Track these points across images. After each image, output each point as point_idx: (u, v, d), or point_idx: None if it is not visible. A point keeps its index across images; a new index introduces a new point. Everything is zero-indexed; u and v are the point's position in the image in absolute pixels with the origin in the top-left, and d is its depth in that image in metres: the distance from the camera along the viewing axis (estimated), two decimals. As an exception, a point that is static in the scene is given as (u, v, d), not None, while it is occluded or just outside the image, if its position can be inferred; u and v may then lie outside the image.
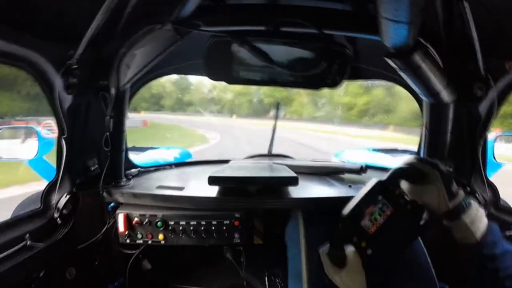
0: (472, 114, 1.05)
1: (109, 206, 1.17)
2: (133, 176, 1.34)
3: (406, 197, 0.77)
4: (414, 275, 0.95)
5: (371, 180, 0.77)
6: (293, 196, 1.15)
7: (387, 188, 0.77)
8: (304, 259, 0.97)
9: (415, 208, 0.77)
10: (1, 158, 1.57)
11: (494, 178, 1.14)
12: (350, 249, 0.73)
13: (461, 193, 0.75)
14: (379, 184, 0.76)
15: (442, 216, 0.75)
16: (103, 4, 0.82)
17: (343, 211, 0.75)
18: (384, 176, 0.78)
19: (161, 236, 1.13)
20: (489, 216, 0.89)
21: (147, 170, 1.47)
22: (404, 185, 0.77)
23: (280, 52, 1.11)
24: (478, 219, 0.73)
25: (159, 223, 1.12)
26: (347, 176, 1.46)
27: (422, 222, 0.77)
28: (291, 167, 1.38)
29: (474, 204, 0.75)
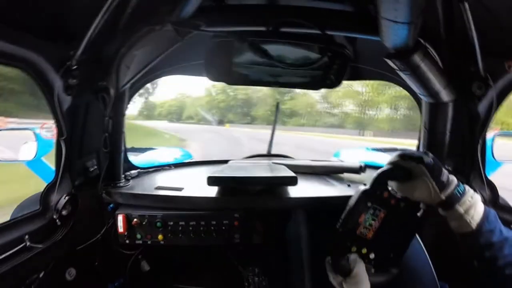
0: (471, 114, 1.05)
1: (109, 206, 1.17)
2: (132, 177, 1.34)
3: (397, 196, 0.77)
4: (415, 275, 0.95)
5: (357, 190, 0.77)
6: (292, 196, 1.15)
7: (374, 194, 0.76)
8: (307, 258, 0.97)
9: (409, 204, 0.76)
10: None
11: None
12: (352, 257, 0.73)
13: (454, 180, 0.73)
14: (364, 193, 0.76)
15: (436, 206, 0.74)
16: (103, 5, 0.82)
17: (336, 225, 0.75)
18: (370, 182, 0.77)
19: (160, 237, 1.13)
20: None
21: (146, 171, 1.47)
22: (392, 184, 0.76)
23: (280, 52, 1.11)
24: (473, 206, 0.70)
25: (158, 224, 1.12)
26: (346, 175, 1.46)
27: (420, 213, 0.77)
28: (290, 167, 1.38)
29: (468, 190, 0.73)
